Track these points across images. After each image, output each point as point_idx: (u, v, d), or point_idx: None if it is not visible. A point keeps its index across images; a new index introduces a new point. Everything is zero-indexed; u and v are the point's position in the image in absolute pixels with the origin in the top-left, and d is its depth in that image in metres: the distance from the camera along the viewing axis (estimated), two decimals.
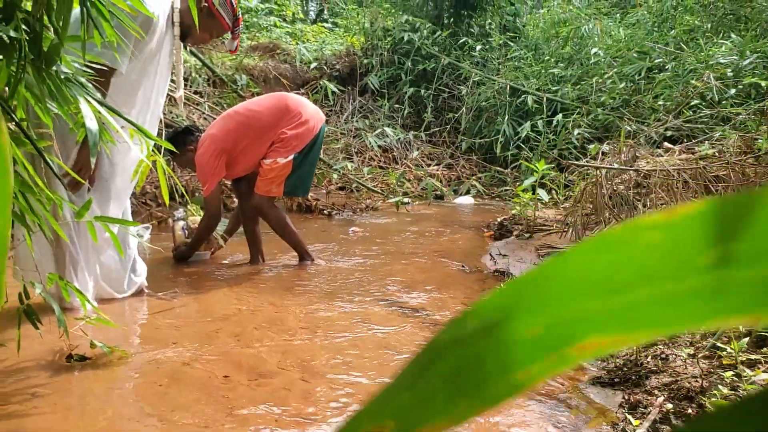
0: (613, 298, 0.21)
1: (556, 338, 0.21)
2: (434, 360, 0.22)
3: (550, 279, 0.21)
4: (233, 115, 3.58)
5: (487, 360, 0.21)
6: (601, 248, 0.21)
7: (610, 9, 9.16)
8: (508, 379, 0.21)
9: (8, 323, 2.12)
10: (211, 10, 3.01)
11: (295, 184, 3.60)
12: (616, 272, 0.21)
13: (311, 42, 8.84)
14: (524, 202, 4.46)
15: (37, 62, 1.40)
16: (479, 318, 0.22)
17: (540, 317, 0.21)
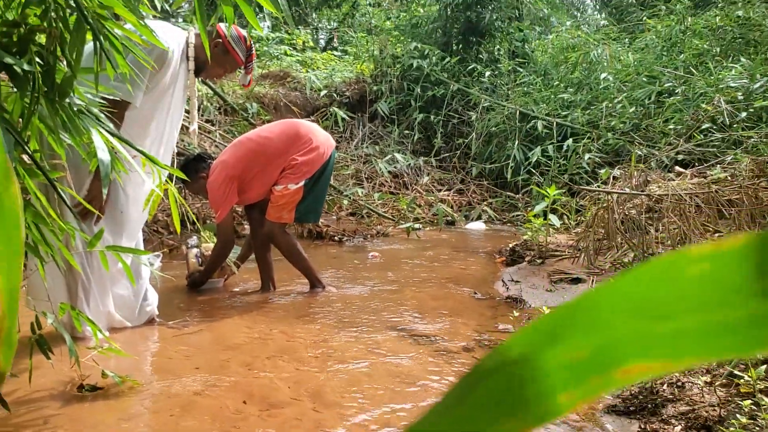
0: (660, 325, 0.21)
1: (600, 362, 0.21)
2: (480, 381, 0.23)
3: (597, 304, 0.22)
4: (244, 142, 3.61)
5: (532, 382, 0.22)
6: (649, 277, 0.21)
7: (618, 34, 9.19)
8: (552, 401, 0.22)
9: (20, 353, 2.12)
10: (225, 46, 3.06)
11: (306, 210, 3.61)
12: (663, 300, 0.21)
13: (321, 70, 8.91)
14: (536, 227, 4.45)
15: (51, 94, 1.42)
16: (525, 342, 0.22)
17: (586, 341, 0.22)
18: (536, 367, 0.22)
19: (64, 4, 1.44)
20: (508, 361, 0.22)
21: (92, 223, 2.58)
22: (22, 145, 1.31)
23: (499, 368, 0.22)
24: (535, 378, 0.22)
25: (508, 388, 0.22)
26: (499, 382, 0.22)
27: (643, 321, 0.21)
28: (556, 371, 0.22)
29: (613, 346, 0.21)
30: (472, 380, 0.23)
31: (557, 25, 9.81)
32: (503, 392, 0.22)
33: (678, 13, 7.48)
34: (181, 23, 7.79)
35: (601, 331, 0.22)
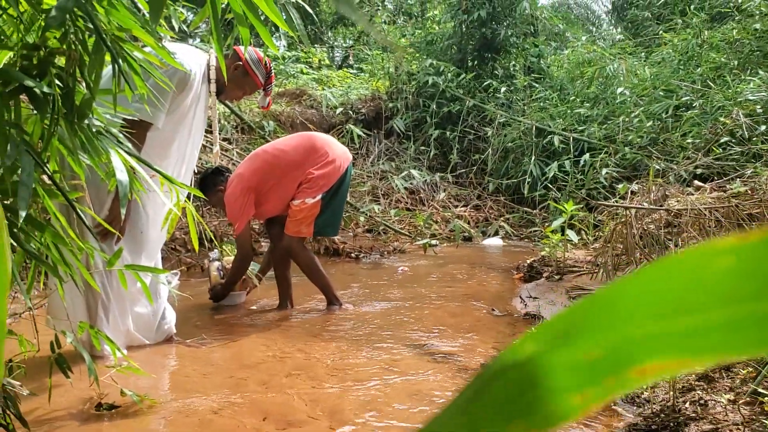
0: (678, 321, 0.21)
1: (615, 362, 0.21)
2: (492, 381, 0.22)
3: (613, 301, 0.21)
4: (261, 154, 3.63)
5: (544, 382, 0.21)
6: (671, 271, 0.21)
7: (634, 48, 9.17)
8: (565, 402, 0.21)
9: (40, 372, 2.13)
10: (245, 68, 3.10)
11: (324, 224, 3.61)
12: (684, 295, 0.21)
13: (337, 87, 8.97)
14: (553, 243, 4.42)
15: (70, 116, 1.43)
16: (538, 341, 0.22)
17: (600, 340, 0.21)
18: (549, 367, 0.22)
19: (83, 27, 1.46)
20: (521, 361, 0.22)
21: (113, 243, 2.60)
22: (42, 166, 1.33)
23: (512, 368, 0.22)
24: (547, 378, 0.21)
25: (521, 388, 0.22)
26: (512, 383, 0.22)
27: (661, 317, 0.21)
28: (569, 371, 0.21)
29: (629, 344, 0.21)
30: (484, 380, 0.23)
31: (573, 40, 9.80)
32: (515, 393, 0.22)
33: (694, 26, 7.45)
34: (197, 43, 7.88)
35: (617, 330, 0.21)
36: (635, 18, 11.20)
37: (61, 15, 1.29)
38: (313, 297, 3.82)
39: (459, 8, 8.84)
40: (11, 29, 1.59)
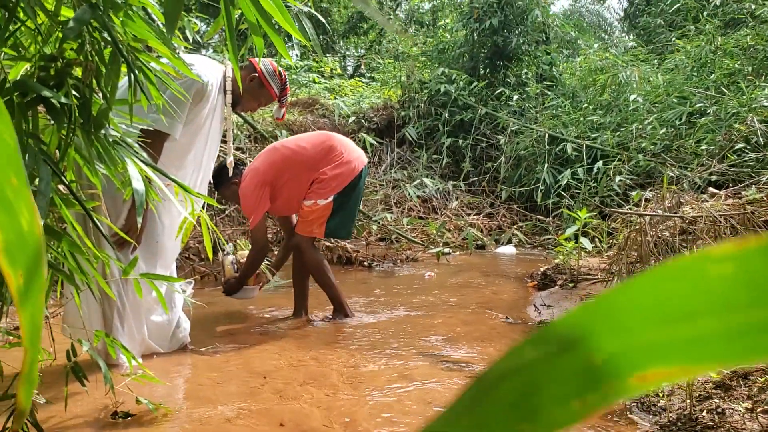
0: (679, 328, 0.20)
1: (616, 367, 0.21)
2: (493, 386, 0.22)
3: (614, 307, 0.21)
4: (279, 148, 3.62)
5: (546, 388, 0.21)
6: (670, 278, 0.21)
7: (647, 55, 9.14)
8: (566, 408, 0.21)
9: (56, 380, 2.14)
10: (261, 80, 3.12)
11: (336, 226, 3.58)
12: (683, 302, 0.21)
13: (349, 96, 8.99)
14: (567, 250, 4.40)
15: (87, 126, 1.45)
16: (540, 345, 0.22)
17: (601, 345, 0.21)
18: (550, 372, 0.21)
19: (100, 38, 1.47)
20: (522, 366, 0.22)
21: (128, 252, 2.61)
22: (59, 175, 1.34)
23: (513, 373, 0.22)
24: (549, 383, 0.21)
25: (522, 393, 0.22)
26: (513, 388, 0.22)
27: (662, 324, 0.21)
28: (570, 377, 0.21)
29: (630, 350, 0.21)
30: (485, 385, 0.23)
31: (585, 47, 9.78)
32: (516, 398, 0.22)
33: (708, 33, 7.42)
34: (211, 54, 7.94)
35: (618, 336, 0.21)
36: (647, 25, 11.17)
37: (78, 26, 1.31)
38: (328, 306, 3.82)
39: (470, 17, 8.85)
40: (29, 41, 1.61)
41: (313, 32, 2.03)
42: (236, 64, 1.57)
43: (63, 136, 1.43)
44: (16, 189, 0.31)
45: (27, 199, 0.31)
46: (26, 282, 0.31)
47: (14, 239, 0.31)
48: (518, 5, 8.62)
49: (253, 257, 3.66)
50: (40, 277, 0.32)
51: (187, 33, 3.83)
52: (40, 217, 0.31)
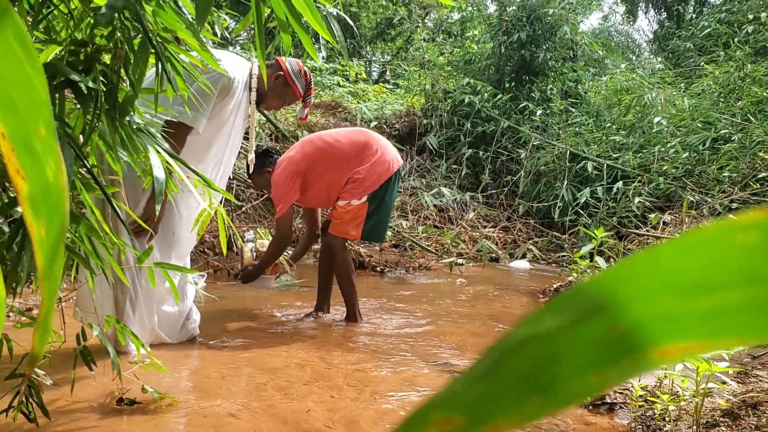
0: (700, 300, 0.20)
1: (636, 340, 0.20)
2: (510, 354, 0.22)
3: (636, 276, 0.20)
4: (315, 140, 3.60)
5: (563, 358, 0.21)
6: (693, 247, 0.20)
7: (674, 79, 9.08)
8: (583, 381, 0.20)
9: (64, 363, 2.16)
10: (286, 78, 3.14)
11: (373, 229, 3.55)
12: (707, 273, 0.20)
13: (372, 101, 9.01)
14: (581, 269, 4.37)
15: (112, 112, 1.46)
16: (560, 313, 0.21)
17: (622, 316, 0.20)
18: (569, 342, 0.21)
19: (130, 26, 1.49)
20: (540, 334, 0.21)
21: (145, 241, 2.63)
22: (83, 159, 1.35)
23: (530, 341, 0.21)
24: (566, 354, 0.21)
25: (538, 363, 0.21)
26: (529, 357, 0.21)
27: (682, 296, 0.20)
28: (589, 348, 0.20)
29: (651, 322, 0.20)
30: (499, 353, 0.22)
31: (612, 67, 9.73)
32: (532, 368, 0.21)
33: (737, 59, 7.36)
34: (237, 50, 7.99)
35: (639, 306, 0.20)
36: (677, 48, 11.11)
37: (110, 13, 1.32)
38: (341, 308, 3.82)
39: (499, 29, 8.85)
40: (61, 25, 1.63)
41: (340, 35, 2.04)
42: (263, 62, 1.58)
43: (88, 121, 1.45)
44: (44, 140, 0.31)
45: (54, 150, 0.32)
46: (47, 231, 0.32)
47: (39, 189, 0.31)
48: (547, 21, 8.61)
49: (275, 246, 3.66)
50: (61, 228, 0.32)
51: (216, 28, 3.86)
52: (65, 169, 0.32)
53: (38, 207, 0.32)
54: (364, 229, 3.52)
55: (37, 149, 0.31)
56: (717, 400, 2.17)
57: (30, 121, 0.31)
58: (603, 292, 0.21)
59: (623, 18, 16.63)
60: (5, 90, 0.31)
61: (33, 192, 0.31)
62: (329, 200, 3.59)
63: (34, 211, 0.32)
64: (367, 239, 3.71)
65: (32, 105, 0.31)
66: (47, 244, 0.32)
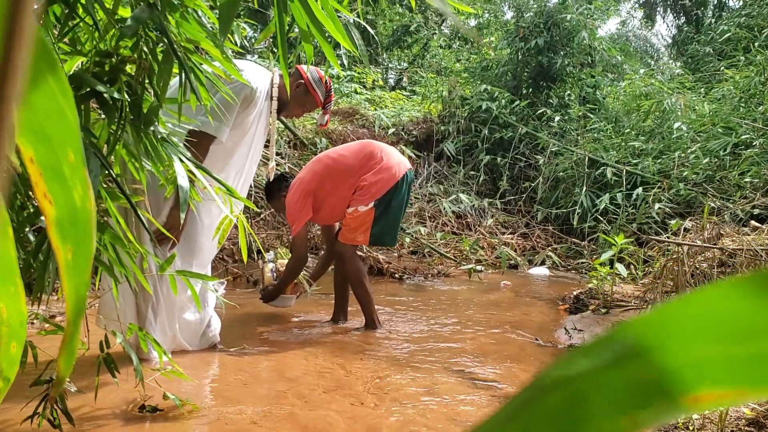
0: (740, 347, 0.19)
1: (669, 386, 0.20)
2: (541, 395, 0.21)
3: (672, 321, 0.20)
4: (322, 158, 3.69)
5: (595, 401, 0.20)
6: (732, 293, 0.20)
7: (694, 84, 9.01)
8: (612, 422, 0.20)
9: (88, 370, 2.18)
10: (306, 86, 3.18)
11: (381, 233, 3.59)
12: (746, 319, 0.19)
13: (389, 108, 9.03)
14: (601, 275, 4.34)
15: (137, 122, 1.48)
16: (592, 355, 0.21)
17: (656, 361, 0.20)
18: (601, 384, 0.20)
19: (155, 37, 1.51)
20: (572, 377, 0.21)
21: (167, 249, 2.66)
22: (108, 168, 1.37)
23: (562, 383, 0.21)
24: (598, 396, 0.20)
25: (570, 405, 0.21)
26: (561, 399, 0.21)
27: (719, 342, 0.19)
28: (621, 391, 0.20)
29: (685, 368, 0.20)
30: (531, 394, 0.22)
31: (630, 72, 9.68)
32: (564, 410, 0.21)
33: (758, 64, 7.29)
34: (257, 59, 8.04)
35: (674, 352, 0.20)
36: (696, 53, 11.03)
37: (135, 24, 1.34)
38: (355, 315, 3.82)
39: (516, 35, 8.84)
40: (86, 36, 1.65)
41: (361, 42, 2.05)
42: (285, 71, 1.59)
43: (112, 131, 1.46)
44: (72, 165, 0.32)
45: (82, 175, 0.32)
46: (74, 257, 0.32)
47: (66, 214, 0.32)
48: (565, 26, 8.58)
49: (291, 266, 3.72)
50: (88, 253, 0.33)
51: (236, 37, 3.90)
52: (93, 194, 0.32)
53: (65, 231, 0.32)
54: (371, 234, 3.57)
55: (66, 174, 0.32)
56: (742, 409, 2.15)
57: (59, 147, 0.32)
58: (638, 337, 0.21)
59: (641, 23, 16.55)
60: (36, 117, 0.31)
61: (60, 216, 0.32)
62: (342, 214, 3.65)
63: (61, 235, 0.32)
64: (377, 243, 3.74)
65: (62, 132, 0.32)
66: (74, 268, 0.32)
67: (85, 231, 0.33)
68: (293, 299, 3.91)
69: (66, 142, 0.32)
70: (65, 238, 0.33)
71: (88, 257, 0.33)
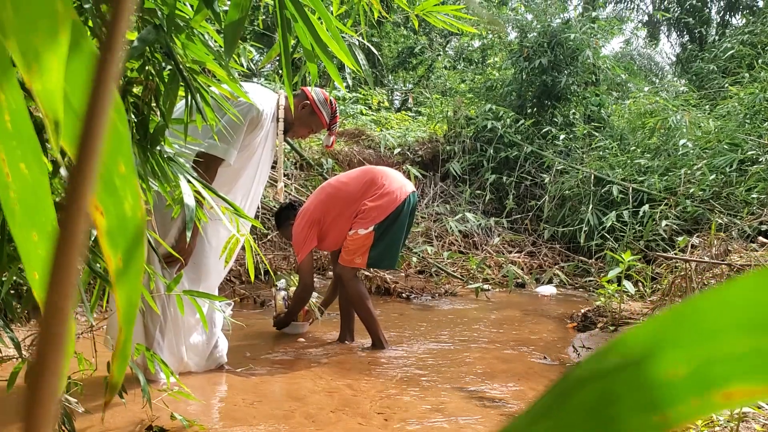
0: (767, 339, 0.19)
1: (700, 381, 0.19)
2: (573, 391, 0.21)
3: (702, 313, 0.20)
4: (325, 187, 3.75)
5: (625, 397, 0.20)
6: (762, 284, 0.19)
7: (698, 101, 9.03)
8: (643, 420, 0.20)
9: (96, 391, 2.18)
10: (312, 107, 3.20)
11: (379, 257, 3.61)
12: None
13: (395, 129, 9.07)
14: (609, 293, 4.33)
15: (143, 142, 1.50)
16: (622, 352, 0.21)
17: (687, 356, 0.20)
18: (631, 380, 0.20)
19: (161, 58, 1.53)
20: (603, 372, 0.21)
21: (174, 271, 2.67)
22: None
23: (593, 379, 0.21)
24: (628, 393, 0.20)
25: (601, 402, 0.20)
26: (592, 395, 0.21)
27: (753, 334, 0.19)
28: (651, 388, 0.20)
29: (716, 363, 0.19)
30: (562, 390, 0.22)
31: (635, 90, 9.70)
32: (595, 407, 0.20)
33: (762, 80, 7.31)
34: (262, 82, 8.11)
35: (705, 346, 0.19)
36: (700, 71, 11.06)
37: (142, 45, 1.36)
38: (368, 336, 3.81)
39: (520, 55, 8.89)
40: None
41: (365, 63, 2.07)
42: (290, 92, 1.61)
43: None
44: (123, 176, 0.33)
45: (133, 186, 0.33)
46: (125, 264, 0.33)
47: (116, 224, 0.33)
48: (569, 46, 8.63)
49: (298, 295, 3.78)
50: (139, 261, 0.34)
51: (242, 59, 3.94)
52: (143, 204, 0.33)
53: (116, 241, 0.33)
54: (369, 257, 3.59)
55: (117, 185, 0.33)
56: (753, 425, 2.13)
57: (111, 158, 0.33)
58: (667, 331, 0.20)
59: (645, 42, 16.62)
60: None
61: (111, 226, 0.33)
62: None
63: (111, 244, 0.33)
64: (375, 266, 3.77)
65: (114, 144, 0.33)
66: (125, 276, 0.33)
67: (136, 239, 0.34)
68: (306, 326, 3.95)
69: (117, 153, 0.33)
70: (116, 247, 0.34)
71: (140, 265, 0.34)
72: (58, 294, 0.21)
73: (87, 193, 0.22)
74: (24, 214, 0.35)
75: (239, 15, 1.38)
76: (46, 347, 0.21)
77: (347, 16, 2.20)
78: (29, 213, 0.35)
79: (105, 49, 0.22)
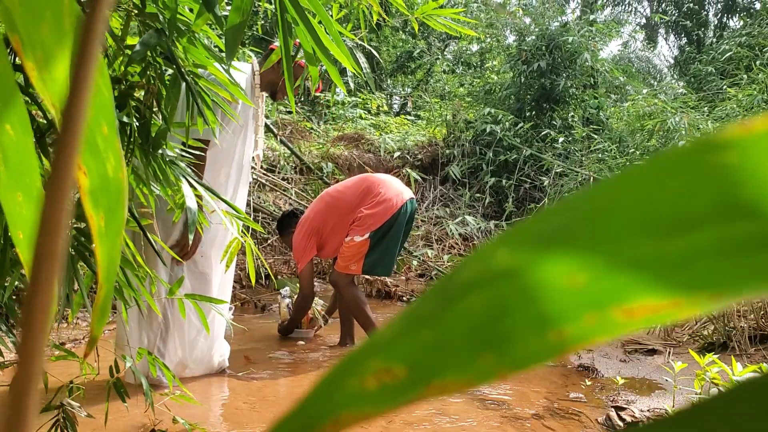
0: (673, 242, 0.15)
1: (600, 294, 0.16)
2: (458, 296, 0.18)
3: (599, 210, 0.17)
4: (324, 197, 3.76)
5: (515, 310, 0.17)
6: (662, 173, 0.16)
7: (697, 103, 9.04)
8: (539, 339, 0.17)
9: (98, 395, 2.18)
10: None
11: (374, 264, 3.60)
12: (676, 205, 0.16)
13: (394, 133, 9.08)
14: None
15: (145, 146, 1.50)
16: (516, 249, 0.17)
17: (583, 262, 0.16)
18: (526, 287, 0.17)
19: (162, 62, 1.54)
20: (495, 275, 0.17)
21: (178, 273, 2.67)
22: None
23: (483, 283, 0.17)
24: (522, 305, 0.17)
25: (491, 312, 0.17)
26: (478, 305, 0.17)
27: (650, 235, 0.16)
28: (546, 299, 0.17)
29: (617, 271, 0.16)
30: (447, 295, 0.18)
31: (633, 93, 9.72)
32: (483, 317, 0.17)
33: (760, 82, 7.33)
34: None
35: (603, 248, 0.16)
36: (698, 73, 11.08)
37: (144, 50, 1.37)
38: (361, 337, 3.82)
39: (518, 59, 8.91)
40: None
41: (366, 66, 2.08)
42: (291, 94, 1.62)
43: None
44: (106, 137, 0.34)
45: (115, 147, 0.34)
46: (106, 224, 0.34)
47: (99, 184, 0.34)
48: (567, 49, 8.65)
49: (298, 303, 3.82)
50: (120, 220, 0.34)
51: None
52: (125, 164, 0.34)
53: (98, 200, 0.34)
54: (364, 263, 3.58)
55: (99, 145, 0.34)
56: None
57: (94, 120, 0.33)
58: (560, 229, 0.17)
59: (643, 44, 16.65)
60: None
61: (93, 186, 0.34)
62: None
63: (94, 204, 0.34)
64: (370, 273, 3.75)
65: (98, 106, 0.33)
66: (106, 235, 0.34)
67: (117, 199, 0.35)
68: (311, 332, 3.97)
69: (101, 116, 0.34)
70: (98, 206, 0.34)
71: (120, 224, 0.34)
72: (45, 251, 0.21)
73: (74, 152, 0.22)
74: (9, 176, 0.35)
75: (240, 19, 1.39)
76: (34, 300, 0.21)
77: (347, 20, 2.21)
78: (14, 174, 0.36)
79: (90, 10, 0.22)
